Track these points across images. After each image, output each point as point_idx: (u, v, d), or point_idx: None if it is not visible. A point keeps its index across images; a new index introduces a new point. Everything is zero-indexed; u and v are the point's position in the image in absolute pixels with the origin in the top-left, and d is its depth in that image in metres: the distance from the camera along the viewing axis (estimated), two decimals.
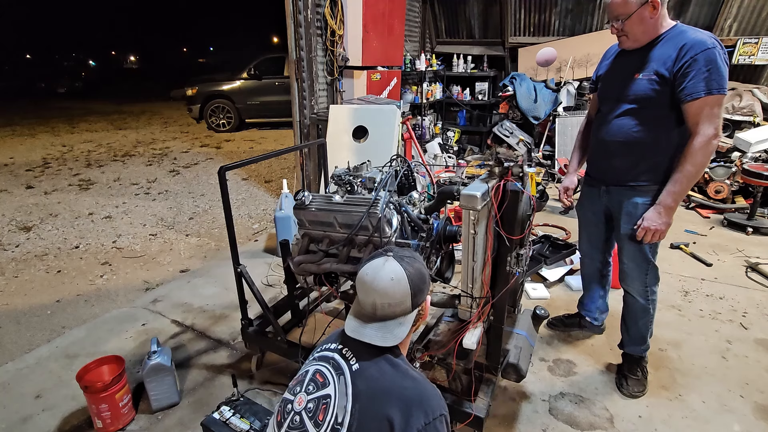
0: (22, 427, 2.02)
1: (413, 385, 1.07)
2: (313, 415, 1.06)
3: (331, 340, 1.21)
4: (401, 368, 1.10)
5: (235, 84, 9.84)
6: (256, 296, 2.17)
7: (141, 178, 6.32)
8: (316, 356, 1.19)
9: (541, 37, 6.62)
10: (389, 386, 1.06)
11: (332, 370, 1.11)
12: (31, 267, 3.70)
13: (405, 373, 1.10)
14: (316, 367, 1.14)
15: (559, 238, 3.66)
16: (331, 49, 4.49)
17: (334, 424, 1.02)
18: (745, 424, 1.98)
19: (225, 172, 1.98)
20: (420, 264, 1.19)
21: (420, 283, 1.15)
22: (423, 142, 6.30)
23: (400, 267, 1.13)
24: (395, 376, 1.08)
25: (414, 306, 1.15)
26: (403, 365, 1.12)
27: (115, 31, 45.14)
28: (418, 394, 1.06)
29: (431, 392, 1.08)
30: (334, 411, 1.04)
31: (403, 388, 1.06)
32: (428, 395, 1.07)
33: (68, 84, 22.76)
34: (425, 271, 1.19)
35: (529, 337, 1.98)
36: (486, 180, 1.63)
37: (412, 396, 1.05)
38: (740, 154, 4.71)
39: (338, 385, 1.07)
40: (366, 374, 1.07)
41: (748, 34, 5.50)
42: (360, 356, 1.11)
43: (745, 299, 2.97)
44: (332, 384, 1.08)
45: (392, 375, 1.08)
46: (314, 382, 1.11)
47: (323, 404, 1.06)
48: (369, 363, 1.09)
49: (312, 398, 1.08)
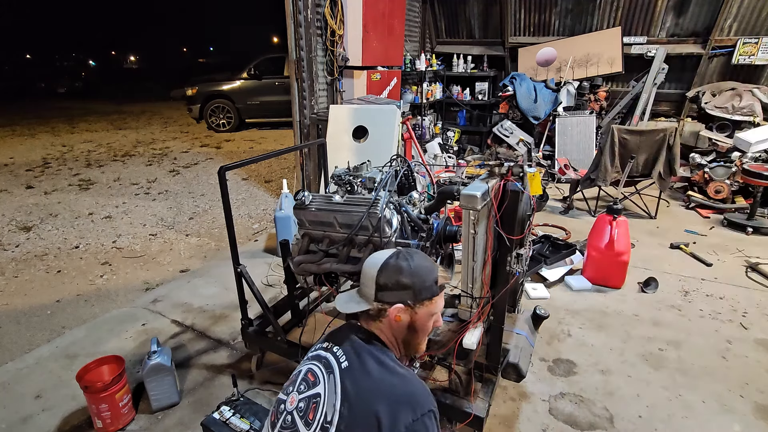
0: (22, 427, 2.02)
1: (401, 381, 1.08)
2: (303, 414, 1.07)
3: (324, 339, 1.23)
4: (388, 365, 1.11)
5: (235, 84, 9.84)
6: (256, 296, 2.16)
7: (141, 178, 6.32)
8: (310, 356, 1.20)
9: (541, 37, 6.62)
10: (377, 384, 1.06)
11: (323, 368, 1.12)
12: (31, 267, 3.70)
13: (393, 371, 1.10)
14: (309, 366, 1.16)
15: (559, 238, 3.66)
16: (331, 49, 4.49)
17: (323, 423, 1.03)
18: (745, 424, 1.98)
19: (225, 172, 1.98)
20: (417, 263, 1.19)
21: (410, 278, 1.16)
22: (423, 142, 6.30)
23: (385, 257, 1.20)
24: (383, 374, 1.08)
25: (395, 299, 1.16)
26: (391, 362, 1.12)
27: (115, 31, 45.12)
28: (406, 391, 1.06)
29: (419, 389, 1.08)
30: (324, 410, 1.04)
31: (390, 385, 1.06)
32: (416, 392, 1.06)
33: (68, 84, 22.71)
34: (421, 272, 1.18)
35: (529, 337, 1.98)
36: (486, 180, 1.63)
37: (400, 393, 1.05)
38: (740, 154, 4.71)
39: (328, 383, 1.08)
40: (354, 372, 1.08)
41: (748, 34, 5.50)
42: (349, 354, 1.12)
43: (745, 299, 2.97)
44: (322, 383, 1.09)
45: (380, 372, 1.08)
46: (305, 382, 1.12)
47: (313, 403, 1.07)
48: (357, 361, 1.10)
49: (303, 397, 1.09)
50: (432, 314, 1.20)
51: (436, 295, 1.19)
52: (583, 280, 3.17)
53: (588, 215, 4.58)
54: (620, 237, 3.02)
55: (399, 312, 1.16)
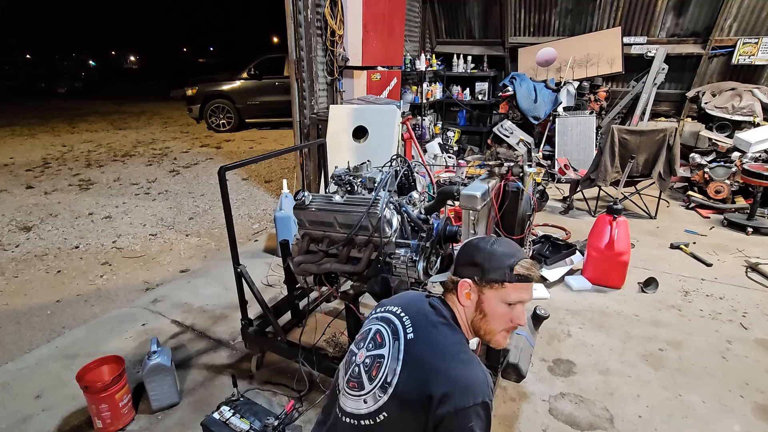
0: (22, 427, 2.02)
1: (460, 366, 1.09)
2: (368, 369, 1.17)
3: (394, 302, 1.30)
4: (452, 347, 1.14)
5: (235, 84, 9.84)
6: (256, 296, 2.16)
7: (141, 178, 6.32)
8: (378, 315, 1.28)
9: (541, 37, 6.62)
10: (437, 363, 1.10)
11: (390, 333, 1.20)
12: (31, 267, 3.70)
13: (455, 353, 1.13)
14: (377, 326, 1.25)
15: (559, 238, 3.66)
16: (331, 49, 4.49)
17: (383, 382, 1.12)
18: (745, 424, 1.98)
19: (225, 172, 1.98)
20: (497, 248, 1.21)
21: (482, 257, 1.20)
22: (423, 142, 6.30)
23: (476, 239, 1.28)
24: (446, 354, 1.12)
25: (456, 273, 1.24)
26: (455, 345, 1.15)
27: (115, 31, 45.14)
28: (462, 376, 1.07)
29: (478, 377, 1.08)
30: (386, 371, 1.13)
31: (448, 368, 1.09)
32: (473, 380, 1.07)
33: (68, 84, 22.72)
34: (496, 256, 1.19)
35: (529, 337, 1.98)
36: (486, 180, 1.63)
37: (456, 377, 1.07)
38: (740, 154, 4.71)
39: (392, 348, 1.16)
40: (417, 345, 1.14)
41: (748, 34, 5.50)
42: (416, 326, 1.18)
43: (745, 299, 2.97)
44: (387, 346, 1.17)
45: (443, 352, 1.13)
46: (373, 341, 1.22)
47: (377, 362, 1.16)
48: (423, 334, 1.16)
49: (369, 355, 1.20)
50: (503, 301, 1.18)
51: (507, 281, 1.17)
52: (583, 280, 3.17)
53: (588, 215, 4.58)
54: (620, 237, 3.02)
55: (467, 288, 1.21)
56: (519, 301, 1.19)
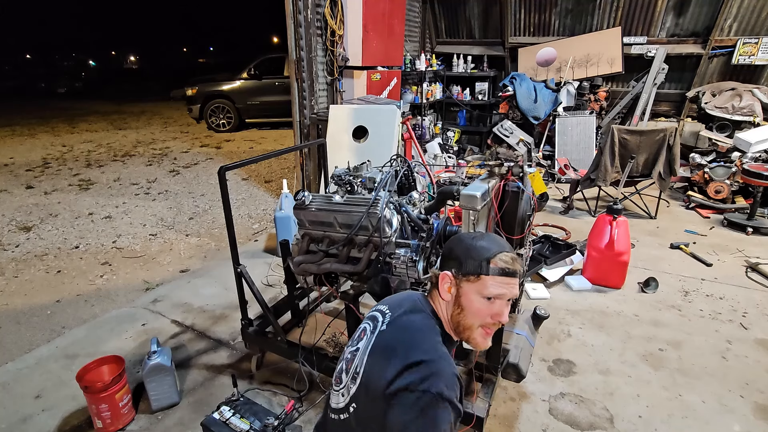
0: (22, 427, 2.02)
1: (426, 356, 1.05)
2: (347, 364, 1.19)
3: (386, 302, 1.30)
4: (417, 334, 1.13)
5: (235, 84, 9.83)
6: (256, 296, 2.16)
7: (141, 178, 6.32)
8: (368, 315, 1.29)
9: (541, 37, 6.62)
10: (402, 345, 1.09)
11: (371, 329, 1.21)
12: (31, 267, 3.70)
13: (428, 345, 1.09)
14: (364, 325, 1.26)
15: (559, 238, 3.66)
16: (331, 49, 4.49)
17: (354, 373, 1.14)
18: (745, 424, 1.98)
19: (225, 172, 1.98)
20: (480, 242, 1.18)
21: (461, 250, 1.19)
22: (423, 142, 6.30)
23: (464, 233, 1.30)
24: (414, 341, 1.10)
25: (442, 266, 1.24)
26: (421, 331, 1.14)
27: (115, 31, 45.15)
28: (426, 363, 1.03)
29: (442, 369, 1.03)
30: (357, 362, 1.15)
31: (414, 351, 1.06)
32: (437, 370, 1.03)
33: (68, 84, 22.71)
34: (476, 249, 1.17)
35: (529, 337, 1.98)
36: (486, 180, 1.63)
37: (417, 360, 1.03)
38: (740, 154, 4.71)
39: (367, 341, 1.17)
40: (387, 334, 1.15)
41: (748, 34, 5.50)
42: (393, 317, 1.18)
43: (745, 299, 2.97)
44: (366, 339, 1.19)
45: (412, 339, 1.11)
46: (357, 338, 1.24)
47: (354, 355, 1.18)
48: (397, 322, 1.16)
49: (351, 350, 1.22)
50: (481, 294, 1.13)
51: (482, 273, 1.13)
52: (583, 280, 3.17)
53: (588, 215, 4.58)
54: (620, 237, 3.03)
55: (447, 282, 1.18)
56: (498, 295, 1.13)
